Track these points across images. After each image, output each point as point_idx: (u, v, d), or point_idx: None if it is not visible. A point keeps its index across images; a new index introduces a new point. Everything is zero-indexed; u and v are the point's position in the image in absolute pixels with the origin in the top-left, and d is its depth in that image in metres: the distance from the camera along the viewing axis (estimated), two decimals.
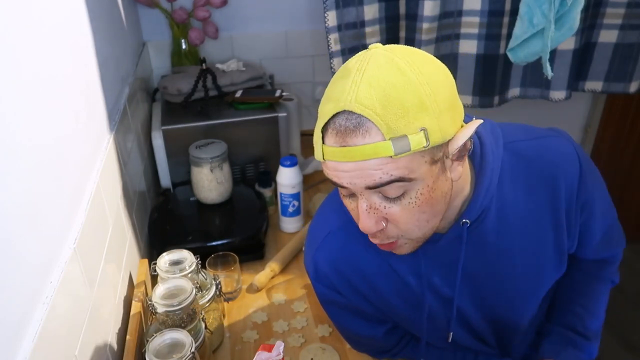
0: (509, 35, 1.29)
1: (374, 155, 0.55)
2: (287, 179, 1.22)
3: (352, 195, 0.63)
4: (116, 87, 1.09)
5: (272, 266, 1.13)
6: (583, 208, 0.75)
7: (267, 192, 1.33)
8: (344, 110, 0.56)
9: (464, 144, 0.61)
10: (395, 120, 0.55)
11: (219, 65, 1.53)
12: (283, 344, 0.69)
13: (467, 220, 0.69)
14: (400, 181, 0.58)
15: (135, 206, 1.10)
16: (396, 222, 0.62)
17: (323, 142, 0.59)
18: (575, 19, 1.10)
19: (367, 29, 1.34)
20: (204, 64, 1.43)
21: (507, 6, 1.34)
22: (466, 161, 0.68)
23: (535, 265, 0.76)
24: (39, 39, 0.65)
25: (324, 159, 0.59)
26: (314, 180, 1.50)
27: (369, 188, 0.58)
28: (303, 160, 1.54)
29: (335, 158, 0.58)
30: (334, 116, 0.57)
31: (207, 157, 1.19)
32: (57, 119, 0.68)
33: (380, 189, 0.59)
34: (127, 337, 0.83)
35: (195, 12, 1.53)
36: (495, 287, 0.77)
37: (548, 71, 1.15)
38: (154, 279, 0.97)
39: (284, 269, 1.16)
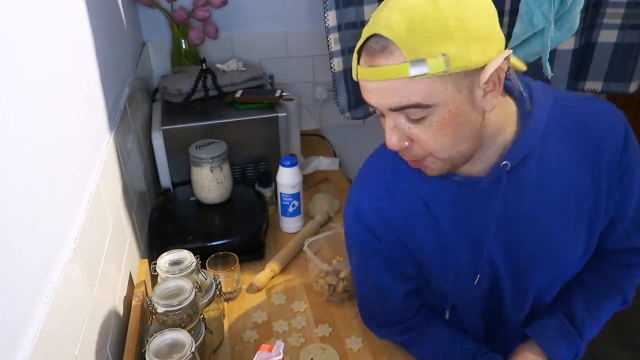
0: (509, 35, 1.29)
1: (394, 75, 0.61)
2: (287, 179, 1.22)
3: (383, 114, 0.68)
4: (116, 87, 1.09)
5: (272, 266, 1.13)
6: (625, 172, 0.75)
7: (267, 192, 1.33)
8: (375, 34, 0.62)
9: (498, 75, 0.63)
10: (418, 45, 0.59)
11: (219, 65, 1.53)
12: (283, 344, 0.69)
13: (508, 163, 0.71)
14: (419, 107, 0.63)
15: (135, 206, 1.10)
16: (419, 142, 0.67)
17: (358, 63, 0.65)
18: (575, 19, 1.10)
19: None
20: (204, 64, 1.43)
21: (507, 6, 1.34)
22: (510, 101, 0.72)
23: (567, 225, 0.76)
24: (39, 39, 0.65)
25: (357, 78, 0.66)
26: (314, 180, 1.50)
27: (392, 110, 0.64)
28: (303, 160, 1.54)
29: (364, 77, 0.64)
30: (367, 39, 0.63)
31: (207, 157, 1.19)
32: (57, 119, 0.68)
33: (402, 113, 0.65)
34: (127, 337, 0.83)
35: (195, 12, 1.53)
36: (526, 237, 0.77)
37: (548, 71, 1.15)
38: (154, 279, 0.97)
39: (284, 269, 1.16)
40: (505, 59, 0.63)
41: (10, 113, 0.54)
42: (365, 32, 0.64)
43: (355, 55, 0.66)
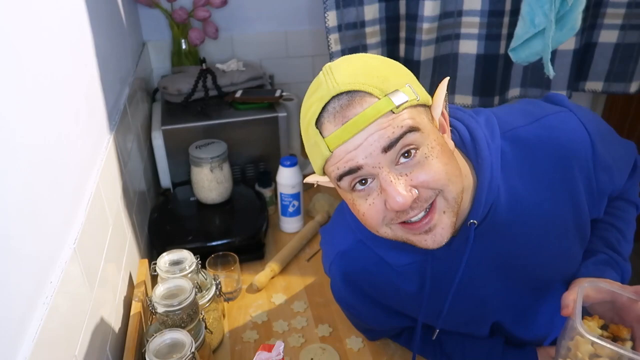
0: (510, 36, 1.29)
1: (378, 114, 0.56)
2: (287, 179, 1.22)
3: (369, 186, 0.60)
4: (116, 87, 1.09)
5: (272, 266, 1.13)
6: (605, 170, 0.72)
7: (267, 192, 1.33)
8: (331, 98, 0.57)
9: (442, 115, 0.63)
10: (380, 83, 0.57)
11: (219, 65, 1.53)
12: (283, 344, 0.69)
13: (474, 221, 0.67)
14: (412, 131, 0.57)
15: (135, 206, 1.10)
16: (426, 182, 0.59)
17: (323, 137, 0.58)
18: (576, 19, 1.10)
19: (367, 29, 1.34)
20: (204, 64, 1.43)
21: (508, 6, 1.34)
22: (459, 154, 0.68)
23: (560, 251, 0.74)
24: (39, 39, 0.65)
25: (330, 150, 0.58)
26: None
27: (386, 150, 0.57)
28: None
29: (342, 139, 0.57)
30: (322, 110, 0.58)
31: (207, 157, 1.19)
32: (57, 119, 0.68)
33: (397, 149, 0.57)
34: (127, 337, 0.82)
35: (195, 12, 1.53)
36: (526, 276, 0.75)
37: (550, 71, 1.15)
38: (154, 279, 0.97)
39: (284, 269, 1.16)
40: (444, 100, 0.62)
41: (10, 113, 0.54)
42: (315, 109, 0.58)
43: (312, 131, 0.59)
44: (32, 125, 0.60)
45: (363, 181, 0.60)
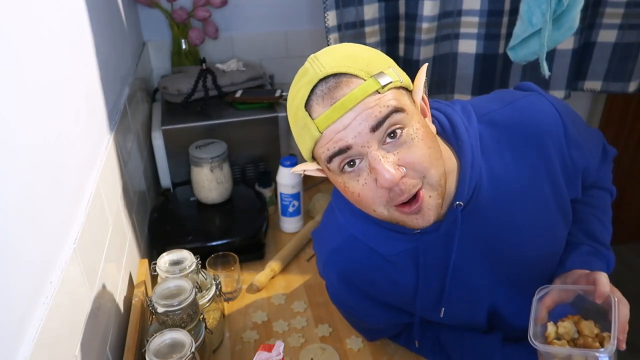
0: (509, 35, 1.29)
1: (365, 94, 0.59)
2: (287, 179, 1.22)
3: (358, 166, 0.62)
4: (116, 87, 1.09)
5: (272, 266, 1.14)
6: (577, 149, 0.75)
7: (267, 192, 1.33)
8: (318, 81, 0.60)
9: (423, 99, 0.66)
10: (365, 66, 0.61)
11: (219, 65, 1.53)
12: (283, 344, 0.69)
13: (460, 202, 0.70)
14: (398, 111, 0.60)
15: (135, 206, 1.10)
16: (412, 163, 0.61)
17: (312, 118, 0.61)
18: (575, 19, 1.10)
19: (367, 29, 1.34)
20: (204, 64, 1.43)
21: (507, 6, 1.34)
22: (444, 144, 0.71)
23: (544, 228, 0.76)
24: (39, 39, 0.65)
25: (320, 131, 0.60)
26: (314, 180, 1.49)
27: (374, 129, 0.59)
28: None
29: (331, 119, 0.59)
30: (310, 93, 0.60)
31: (207, 157, 1.19)
32: (57, 119, 0.69)
33: (384, 128, 0.59)
34: (127, 337, 0.83)
35: (195, 12, 1.53)
36: (513, 258, 0.77)
37: (545, 70, 1.15)
38: (154, 279, 0.97)
39: (284, 269, 1.16)
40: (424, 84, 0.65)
41: (10, 113, 0.54)
42: (303, 93, 0.61)
43: (301, 114, 0.61)
44: (32, 125, 0.60)
45: (352, 162, 0.62)
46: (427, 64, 0.68)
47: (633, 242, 2.34)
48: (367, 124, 0.59)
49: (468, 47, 1.42)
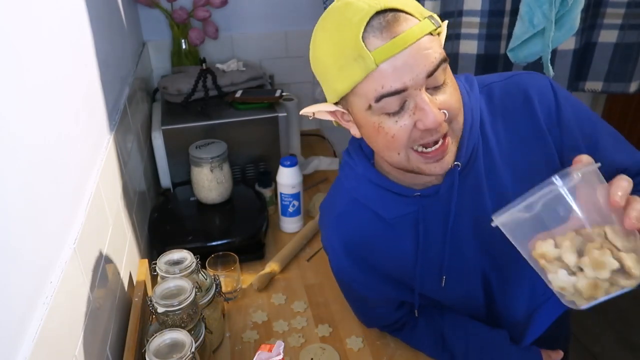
0: (509, 36, 1.29)
1: (422, 33, 0.60)
2: (287, 179, 1.22)
3: (404, 109, 0.63)
4: (116, 87, 1.09)
5: (272, 266, 1.13)
6: (564, 128, 0.75)
7: (267, 192, 1.33)
8: (375, 13, 0.60)
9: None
10: (416, 7, 0.63)
11: (219, 65, 1.53)
12: (283, 344, 0.69)
13: (459, 163, 0.72)
14: (445, 60, 0.63)
15: (135, 206, 1.10)
16: (449, 107, 0.64)
17: (369, 49, 0.60)
18: (575, 19, 1.10)
19: None
20: (204, 64, 1.43)
21: (508, 6, 1.34)
22: None
23: None
24: (39, 39, 0.65)
25: (376, 64, 0.60)
26: (314, 180, 1.50)
27: (430, 75, 0.61)
28: (303, 160, 1.54)
29: (390, 53, 0.59)
30: (367, 24, 0.60)
31: (207, 157, 1.19)
32: (57, 119, 0.68)
33: (436, 76, 0.62)
34: (127, 337, 0.83)
35: (195, 12, 1.53)
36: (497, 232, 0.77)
37: (550, 71, 1.16)
38: (154, 279, 0.97)
39: (284, 269, 1.16)
40: None
41: (10, 113, 0.54)
42: (358, 20, 0.60)
43: (355, 44, 0.60)
44: (32, 125, 0.60)
45: (402, 105, 0.63)
46: (447, 21, 0.69)
47: None
48: (425, 68, 0.61)
49: (469, 47, 1.42)
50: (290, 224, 1.28)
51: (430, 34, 0.62)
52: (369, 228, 0.80)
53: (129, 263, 0.98)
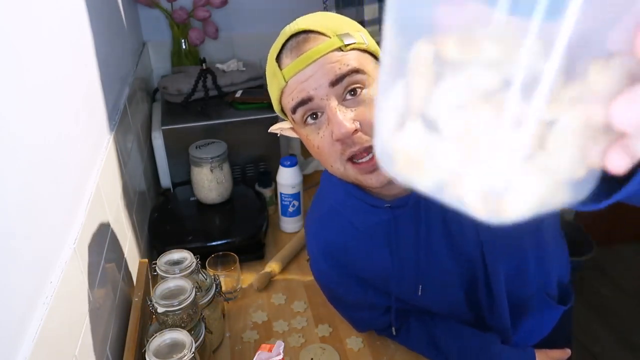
0: None
1: (328, 49, 0.64)
2: (287, 179, 1.22)
3: (320, 119, 0.67)
4: (116, 87, 1.09)
5: (272, 266, 1.13)
6: None
7: (267, 192, 1.33)
8: (290, 37, 0.66)
9: None
10: (334, 27, 0.66)
11: (219, 65, 1.53)
12: (283, 344, 0.69)
13: None
14: (358, 72, 0.65)
15: (135, 206, 1.10)
16: (368, 120, 0.64)
17: (280, 69, 0.66)
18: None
19: (367, 29, 1.34)
20: (204, 64, 1.43)
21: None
22: None
23: None
24: (39, 39, 0.65)
25: (285, 80, 0.66)
26: (314, 180, 1.50)
27: (333, 84, 0.64)
28: (303, 160, 1.54)
29: (295, 69, 0.65)
30: (283, 46, 0.67)
31: (207, 157, 1.19)
32: (57, 119, 0.69)
33: (343, 85, 0.64)
34: (127, 337, 0.83)
35: (195, 12, 1.53)
36: (471, 239, 0.77)
37: None
38: (154, 279, 0.97)
39: (284, 269, 1.16)
40: None
41: (10, 113, 0.54)
42: (276, 46, 0.68)
43: (272, 65, 0.68)
44: (32, 125, 0.60)
45: (314, 115, 0.67)
46: None
47: (634, 242, 2.34)
48: (327, 78, 0.64)
49: None
50: (290, 224, 1.28)
51: (340, 49, 0.64)
52: (346, 235, 0.80)
53: (129, 263, 0.98)
